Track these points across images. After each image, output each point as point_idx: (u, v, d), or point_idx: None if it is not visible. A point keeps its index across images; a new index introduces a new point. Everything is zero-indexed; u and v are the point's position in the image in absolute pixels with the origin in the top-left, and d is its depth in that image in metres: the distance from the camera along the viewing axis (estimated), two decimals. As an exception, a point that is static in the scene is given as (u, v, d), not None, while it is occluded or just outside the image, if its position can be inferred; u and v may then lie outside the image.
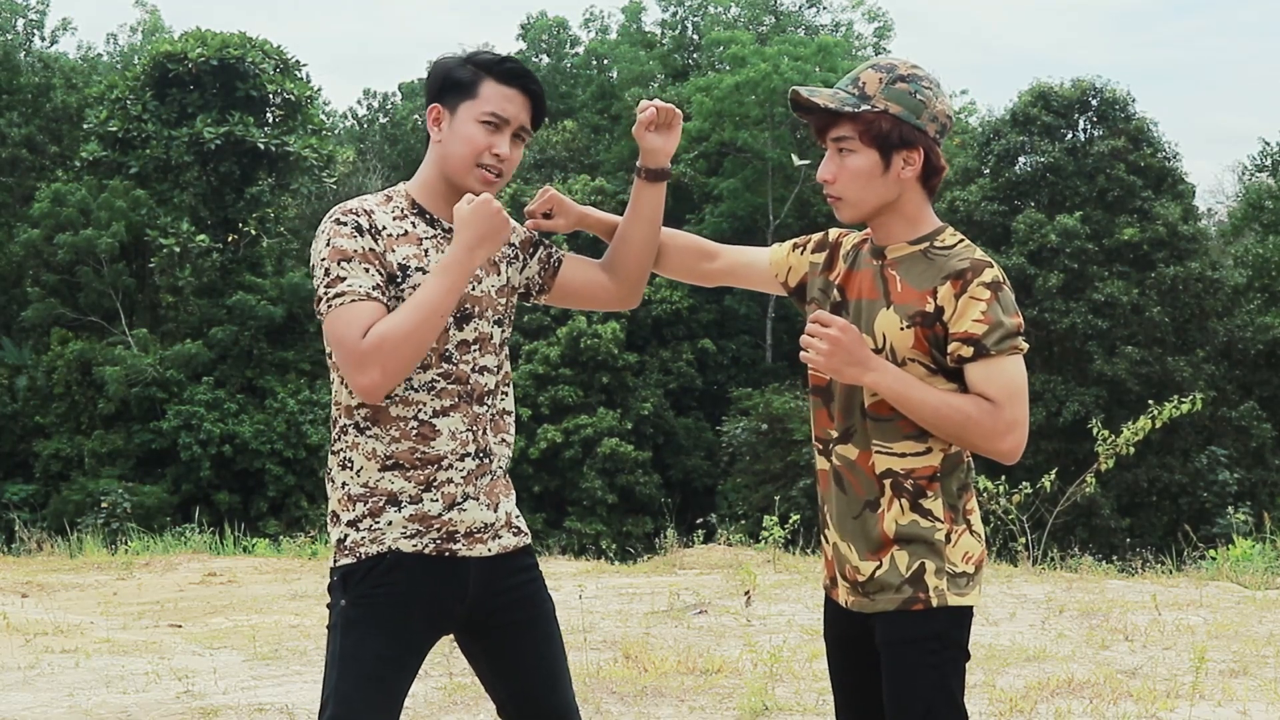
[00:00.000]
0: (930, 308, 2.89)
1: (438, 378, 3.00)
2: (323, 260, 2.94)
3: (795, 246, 3.22)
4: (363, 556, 2.99)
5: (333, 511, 3.06)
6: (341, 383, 3.02)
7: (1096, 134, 30.88)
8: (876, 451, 2.94)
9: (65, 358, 29.99)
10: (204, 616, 9.07)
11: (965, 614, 2.94)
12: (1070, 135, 31.22)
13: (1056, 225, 28.69)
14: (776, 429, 28.75)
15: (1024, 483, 10.35)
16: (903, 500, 2.92)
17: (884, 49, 44.31)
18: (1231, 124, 79.66)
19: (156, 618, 8.96)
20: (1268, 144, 40.70)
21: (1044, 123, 30.67)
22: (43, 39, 38.48)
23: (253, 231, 32.38)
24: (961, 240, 2.97)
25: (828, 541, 3.06)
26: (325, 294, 2.92)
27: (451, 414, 3.01)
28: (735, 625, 7.58)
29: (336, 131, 43.49)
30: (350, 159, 39.61)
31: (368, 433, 3.00)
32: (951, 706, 2.91)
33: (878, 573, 2.93)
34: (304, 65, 34.54)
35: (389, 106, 47.71)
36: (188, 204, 31.40)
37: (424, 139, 3.22)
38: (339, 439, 3.05)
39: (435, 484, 3.00)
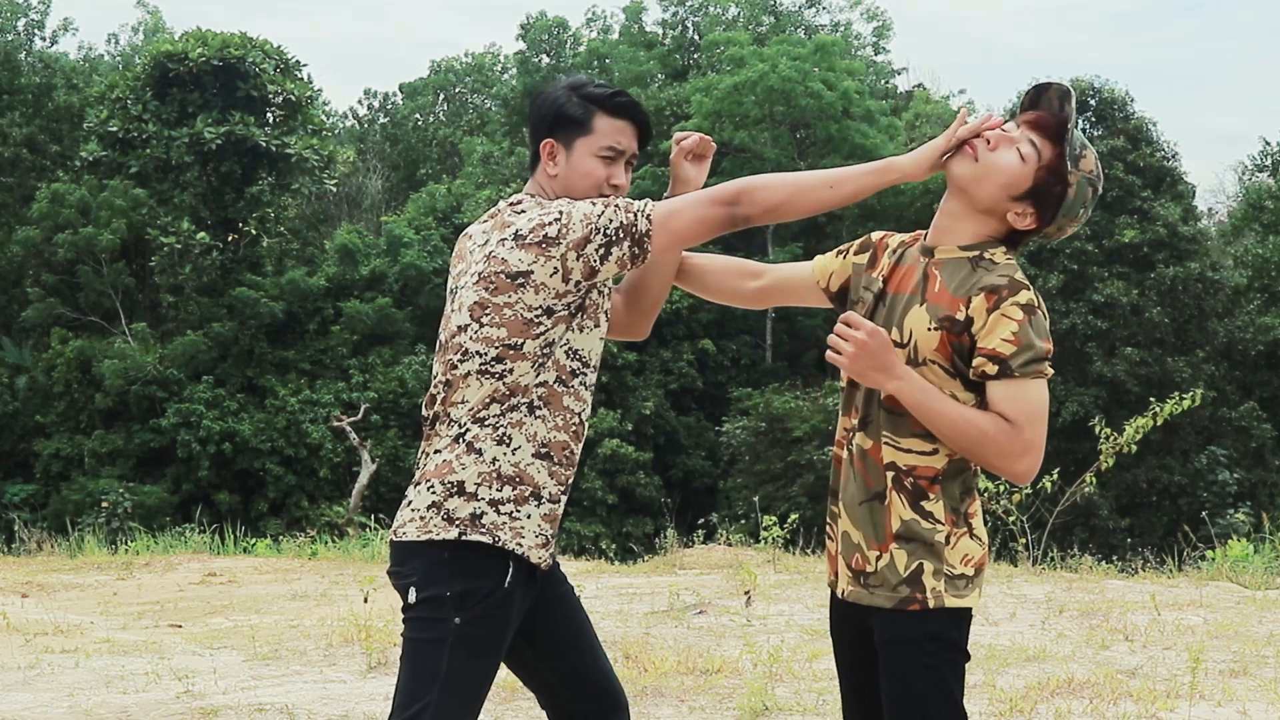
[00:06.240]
0: (961, 315, 2.91)
1: (591, 382, 3.10)
2: (592, 213, 3.01)
3: (838, 253, 3.26)
4: (498, 542, 2.98)
5: (459, 482, 3.01)
6: (531, 363, 3.01)
7: (1095, 134, 30.85)
8: (885, 443, 2.97)
9: (65, 357, 29.97)
10: (204, 616, 9.07)
11: (963, 615, 2.95)
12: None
13: (1056, 225, 28.66)
14: (776, 429, 28.72)
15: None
16: (902, 496, 2.94)
17: (883, 49, 44.37)
18: (1231, 124, 79.69)
19: (156, 618, 8.97)
20: (1268, 144, 40.64)
21: (1044, 123, 30.62)
22: (43, 39, 38.48)
23: (253, 231, 32.37)
24: (1010, 260, 2.99)
25: (837, 532, 3.07)
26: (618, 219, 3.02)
27: (587, 418, 3.13)
28: (735, 625, 7.58)
29: (336, 131, 43.40)
30: (350, 159, 39.56)
31: (537, 413, 3.03)
32: (950, 707, 2.91)
33: (879, 564, 2.95)
34: (304, 65, 34.54)
35: (389, 106, 47.59)
36: (188, 204, 31.38)
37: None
38: (503, 416, 3.02)
39: (566, 487, 3.09)
